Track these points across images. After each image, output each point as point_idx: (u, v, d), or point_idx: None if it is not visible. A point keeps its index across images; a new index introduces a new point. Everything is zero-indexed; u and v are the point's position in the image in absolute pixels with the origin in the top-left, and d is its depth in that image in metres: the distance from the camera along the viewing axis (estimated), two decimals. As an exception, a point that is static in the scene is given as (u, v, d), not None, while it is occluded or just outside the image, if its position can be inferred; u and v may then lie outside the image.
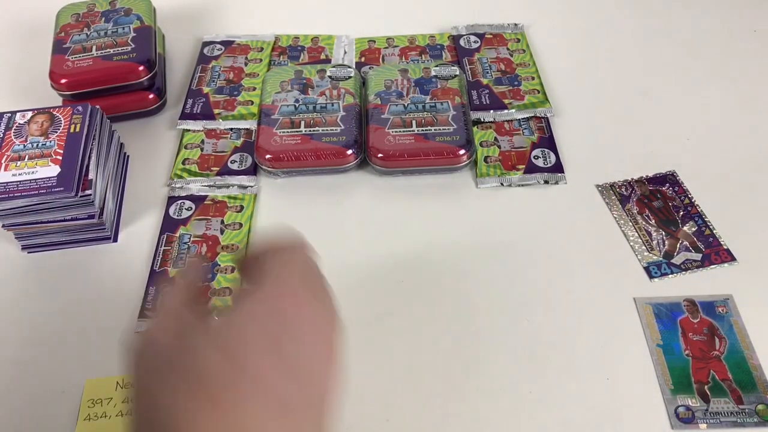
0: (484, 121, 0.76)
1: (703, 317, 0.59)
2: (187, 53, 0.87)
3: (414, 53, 0.85)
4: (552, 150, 0.73)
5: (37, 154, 0.64)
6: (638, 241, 0.65)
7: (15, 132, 0.66)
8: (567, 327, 0.59)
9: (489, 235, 0.67)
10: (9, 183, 0.61)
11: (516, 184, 0.71)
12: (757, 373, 0.56)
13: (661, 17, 0.89)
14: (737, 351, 0.57)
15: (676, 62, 0.83)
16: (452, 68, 0.77)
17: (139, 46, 0.77)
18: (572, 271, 0.63)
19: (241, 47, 0.86)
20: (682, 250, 0.64)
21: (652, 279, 0.62)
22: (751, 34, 0.87)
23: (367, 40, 0.87)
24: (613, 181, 0.71)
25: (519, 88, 0.79)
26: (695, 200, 0.68)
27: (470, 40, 0.86)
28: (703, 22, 0.88)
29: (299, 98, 0.75)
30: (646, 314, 0.60)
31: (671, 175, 0.71)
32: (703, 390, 0.55)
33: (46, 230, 0.65)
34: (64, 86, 0.75)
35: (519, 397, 0.55)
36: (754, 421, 0.53)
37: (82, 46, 0.77)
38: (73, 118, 0.67)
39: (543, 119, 0.76)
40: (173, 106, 0.81)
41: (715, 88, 0.80)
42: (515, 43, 0.85)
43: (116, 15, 0.80)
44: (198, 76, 0.83)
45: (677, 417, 0.54)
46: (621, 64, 0.84)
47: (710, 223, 0.66)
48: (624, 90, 0.80)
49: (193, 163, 0.73)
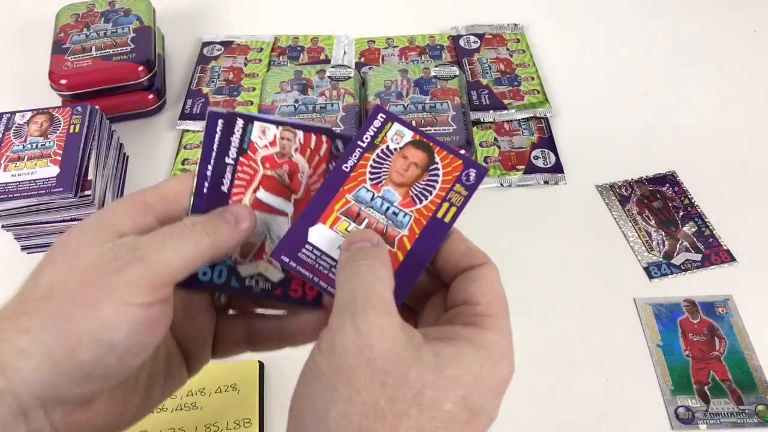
0: (483, 121, 0.76)
1: (703, 318, 0.59)
2: (187, 53, 0.87)
3: (414, 53, 0.85)
4: (552, 150, 0.73)
5: (37, 154, 0.64)
6: (638, 242, 0.65)
7: (14, 132, 0.66)
8: (567, 327, 0.59)
9: (489, 235, 0.67)
10: (8, 184, 0.61)
11: (516, 184, 0.71)
12: (757, 373, 0.56)
13: (661, 17, 0.89)
14: (737, 351, 0.57)
15: (676, 62, 0.83)
16: (452, 68, 0.77)
17: (138, 46, 0.77)
18: (572, 272, 0.63)
19: (240, 47, 0.86)
20: (682, 250, 0.64)
21: (652, 279, 0.62)
22: (751, 34, 0.87)
23: (366, 40, 0.87)
24: (613, 181, 0.70)
25: (519, 88, 0.79)
26: (695, 200, 0.68)
27: (470, 41, 0.86)
28: (703, 22, 0.88)
29: (299, 98, 0.75)
30: (646, 315, 0.60)
31: (671, 176, 0.71)
32: (703, 390, 0.55)
33: (46, 231, 0.65)
34: (64, 86, 0.74)
35: (519, 397, 0.55)
36: (754, 421, 0.53)
37: (82, 47, 0.77)
38: (73, 118, 0.67)
39: (543, 119, 0.76)
40: (173, 106, 0.81)
41: (715, 88, 0.80)
42: (515, 43, 0.85)
43: (116, 15, 0.80)
44: (197, 77, 0.82)
45: (677, 417, 0.54)
46: (621, 64, 0.84)
47: (710, 223, 0.66)
48: (624, 90, 0.80)
49: (192, 164, 0.73)
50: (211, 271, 0.35)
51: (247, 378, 0.56)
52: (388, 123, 0.36)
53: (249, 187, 0.36)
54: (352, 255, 0.32)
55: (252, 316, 0.38)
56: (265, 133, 0.37)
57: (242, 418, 0.53)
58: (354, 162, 0.35)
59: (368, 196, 0.35)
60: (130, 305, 0.29)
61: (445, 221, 0.34)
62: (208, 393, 0.55)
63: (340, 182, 0.35)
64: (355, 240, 0.33)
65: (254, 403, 0.54)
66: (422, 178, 0.35)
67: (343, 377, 0.28)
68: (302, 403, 0.29)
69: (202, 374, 0.54)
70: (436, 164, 0.35)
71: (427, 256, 0.34)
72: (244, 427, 0.53)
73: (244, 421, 0.53)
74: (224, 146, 0.36)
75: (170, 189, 0.35)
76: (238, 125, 0.37)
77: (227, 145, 0.36)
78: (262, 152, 0.37)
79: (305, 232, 0.34)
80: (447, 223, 0.34)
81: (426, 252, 0.34)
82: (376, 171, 0.35)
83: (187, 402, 0.54)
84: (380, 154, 0.35)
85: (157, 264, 0.30)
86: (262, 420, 0.54)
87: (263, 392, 0.56)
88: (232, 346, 0.38)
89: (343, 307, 0.29)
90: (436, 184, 0.35)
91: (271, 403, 0.56)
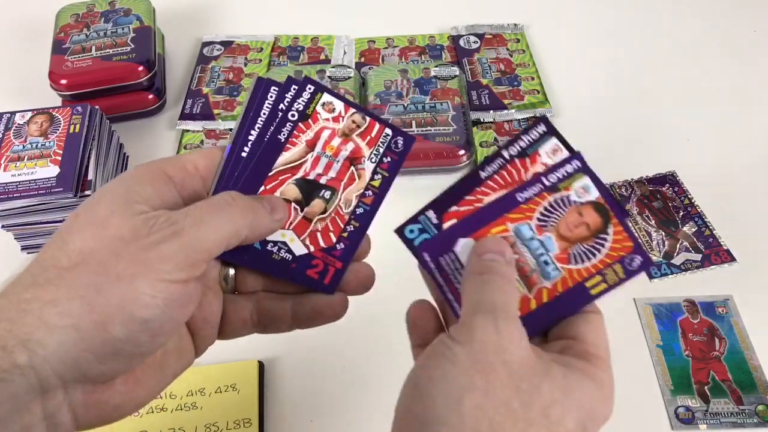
0: (483, 121, 0.76)
1: (703, 318, 0.59)
2: (187, 53, 0.87)
3: (414, 53, 0.85)
4: (552, 150, 0.73)
5: (37, 154, 0.64)
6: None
7: (14, 132, 0.66)
8: (567, 327, 0.59)
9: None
10: (8, 184, 0.61)
11: (516, 184, 0.71)
12: (757, 373, 0.56)
13: (661, 17, 0.89)
14: (737, 351, 0.57)
15: (676, 62, 0.83)
16: (452, 68, 0.77)
17: (138, 46, 0.77)
18: (572, 272, 0.63)
19: (240, 47, 0.86)
20: (682, 250, 0.64)
21: (652, 279, 0.62)
22: (751, 34, 0.87)
23: (366, 40, 0.87)
24: (613, 181, 0.70)
25: (519, 88, 0.79)
26: (695, 200, 0.68)
27: (470, 41, 0.86)
28: (703, 22, 0.88)
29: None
30: (646, 315, 0.60)
31: (671, 176, 0.71)
32: (703, 390, 0.55)
33: (46, 231, 0.65)
34: (64, 87, 0.74)
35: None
36: (754, 421, 0.53)
37: (82, 47, 0.77)
38: (73, 118, 0.66)
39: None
40: (173, 106, 0.81)
41: (715, 88, 0.80)
42: (515, 43, 0.85)
43: (116, 15, 0.80)
44: (197, 77, 0.82)
45: (677, 417, 0.54)
46: (621, 64, 0.83)
47: (710, 223, 0.66)
48: (624, 90, 0.80)
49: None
50: None
51: (247, 378, 0.56)
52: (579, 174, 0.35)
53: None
54: (486, 267, 0.32)
55: (262, 297, 0.37)
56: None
57: (242, 418, 0.53)
58: (530, 195, 0.34)
59: (528, 235, 0.34)
60: (166, 281, 0.29)
61: (591, 293, 0.34)
62: (208, 393, 0.55)
63: (507, 208, 0.34)
64: (489, 249, 0.33)
65: (254, 403, 0.54)
66: (587, 242, 0.34)
67: (482, 369, 0.28)
68: (433, 384, 0.29)
69: (202, 374, 0.54)
70: (606, 234, 0.34)
71: (557, 318, 0.34)
72: (244, 427, 0.53)
73: (244, 421, 0.53)
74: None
75: (190, 162, 0.34)
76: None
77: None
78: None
79: (455, 240, 0.34)
80: (591, 296, 0.34)
81: (558, 314, 0.34)
82: (546, 214, 0.34)
83: (187, 402, 0.54)
84: (558, 199, 0.34)
85: (195, 240, 0.30)
86: (262, 420, 0.54)
87: (263, 392, 0.56)
88: (239, 327, 0.37)
89: (481, 308, 0.30)
90: (598, 254, 0.34)
91: (271, 403, 0.56)
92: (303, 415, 0.55)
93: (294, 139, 0.36)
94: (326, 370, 0.58)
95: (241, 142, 0.36)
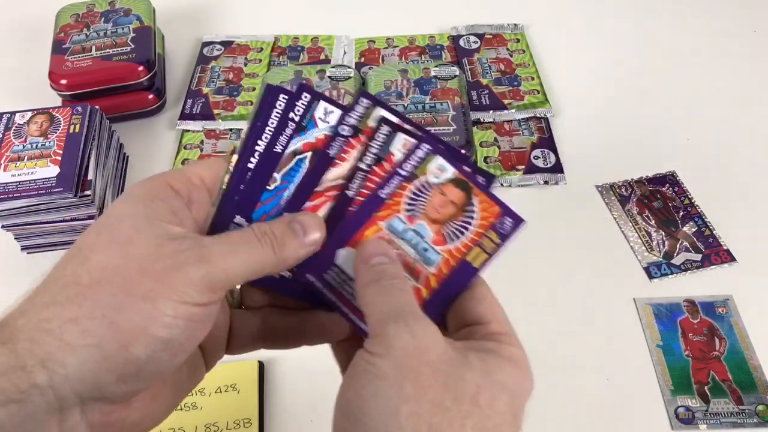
0: (483, 121, 0.76)
1: (703, 318, 0.59)
2: (187, 53, 0.87)
3: (414, 53, 0.85)
4: (552, 150, 0.73)
5: (37, 154, 0.64)
6: (638, 242, 0.65)
7: (14, 132, 0.66)
8: (567, 327, 0.59)
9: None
10: (8, 183, 0.61)
11: (516, 184, 0.71)
12: (757, 373, 0.56)
13: (661, 17, 0.89)
14: (737, 351, 0.57)
15: (676, 62, 0.83)
16: (452, 68, 0.77)
17: (138, 46, 0.77)
18: (572, 272, 0.63)
19: (240, 47, 0.86)
20: (682, 250, 0.64)
21: (652, 279, 0.62)
22: (751, 34, 0.87)
23: (366, 40, 0.87)
24: (613, 181, 0.70)
25: (519, 88, 0.79)
26: (695, 200, 0.68)
27: (470, 41, 0.86)
28: (703, 22, 0.88)
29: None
30: (646, 315, 0.60)
31: (671, 175, 0.71)
32: (703, 390, 0.55)
33: (46, 231, 0.65)
34: (64, 87, 0.74)
35: (519, 398, 0.55)
36: (754, 421, 0.53)
37: (82, 47, 0.77)
38: (73, 118, 0.67)
39: (543, 119, 0.76)
40: (173, 106, 0.81)
41: (716, 87, 0.80)
42: (515, 43, 0.85)
43: (116, 15, 0.80)
44: (197, 77, 0.82)
45: (677, 417, 0.54)
46: (621, 64, 0.83)
47: (710, 223, 0.66)
48: (624, 90, 0.80)
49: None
50: None
51: (247, 378, 0.56)
52: (431, 155, 0.34)
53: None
54: (378, 273, 0.32)
55: (269, 313, 0.37)
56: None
57: (242, 418, 0.53)
58: (392, 190, 0.34)
59: (401, 227, 0.34)
60: (188, 304, 0.29)
61: (474, 266, 0.34)
62: (208, 393, 0.55)
63: (374, 208, 0.34)
64: (373, 252, 0.33)
65: (254, 403, 0.54)
66: (457, 218, 0.34)
67: (409, 376, 0.28)
68: (365, 402, 0.29)
69: (202, 374, 0.53)
70: (472, 206, 0.34)
71: (450, 299, 0.34)
72: (244, 427, 0.53)
73: (244, 421, 0.53)
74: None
75: (195, 175, 0.34)
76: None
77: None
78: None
79: (333, 253, 0.34)
80: (475, 268, 0.34)
81: (450, 295, 0.34)
82: (412, 203, 0.34)
83: (187, 402, 0.54)
84: (420, 186, 0.34)
85: (221, 268, 0.30)
86: (262, 420, 0.54)
87: (263, 392, 0.56)
88: (246, 342, 0.37)
89: (390, 316, 0.30)
90: (471, 227, 0.34)
91: (271, 403, 0.56)
92: (303, 415, 0.55)
93: (343, 155, 0.35)
94: (326, 371, 0.58)
95: (246, 152, 0.34)
